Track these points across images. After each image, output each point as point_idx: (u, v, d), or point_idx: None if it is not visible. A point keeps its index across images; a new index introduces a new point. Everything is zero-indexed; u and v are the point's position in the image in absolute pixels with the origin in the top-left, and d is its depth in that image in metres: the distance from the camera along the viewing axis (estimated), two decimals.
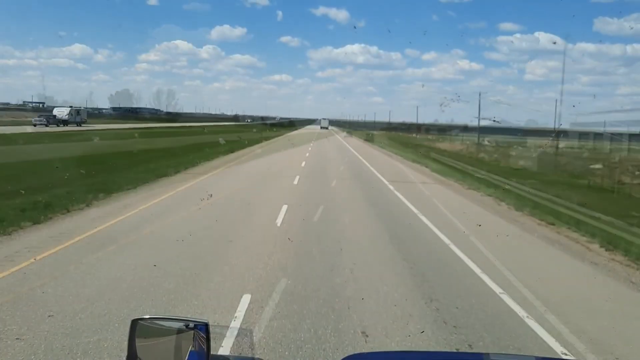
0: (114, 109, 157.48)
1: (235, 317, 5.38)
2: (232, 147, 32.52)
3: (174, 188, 15.04)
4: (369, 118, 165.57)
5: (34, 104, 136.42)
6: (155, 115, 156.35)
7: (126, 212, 10.99)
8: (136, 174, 16.62)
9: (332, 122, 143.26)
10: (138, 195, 13.38)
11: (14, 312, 5.25)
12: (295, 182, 17.87)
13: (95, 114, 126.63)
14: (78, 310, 5.35)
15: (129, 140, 36.14)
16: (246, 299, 5.90)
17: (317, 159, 30.64)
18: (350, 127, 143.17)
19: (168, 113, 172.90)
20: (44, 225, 9.51)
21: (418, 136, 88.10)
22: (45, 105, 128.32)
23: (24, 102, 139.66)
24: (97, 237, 8.71)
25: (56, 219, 10.08)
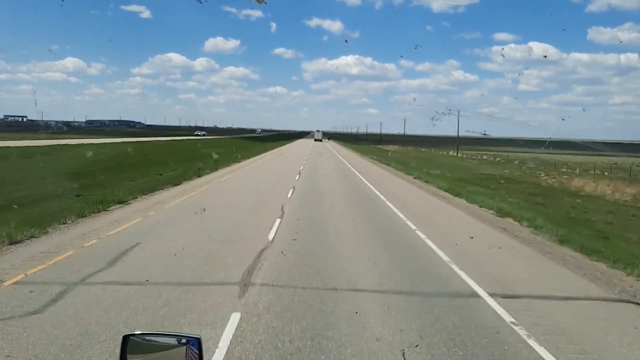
0: (88, 122, 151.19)
1: None
2: None
3: None
4: (367, 130, 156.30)
5: (12, 118, 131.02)
6: (132, 128, 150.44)
7: None
8: None
9: (327, 134, 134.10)
10: None
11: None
12: None
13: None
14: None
15: None
16: None
17: None
18: (346, 139, 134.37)
19: (149, 126, 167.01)
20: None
21: (460, 155, 64.84)
22: (26, 119, 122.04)
23: (4, 116, 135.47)
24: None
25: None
